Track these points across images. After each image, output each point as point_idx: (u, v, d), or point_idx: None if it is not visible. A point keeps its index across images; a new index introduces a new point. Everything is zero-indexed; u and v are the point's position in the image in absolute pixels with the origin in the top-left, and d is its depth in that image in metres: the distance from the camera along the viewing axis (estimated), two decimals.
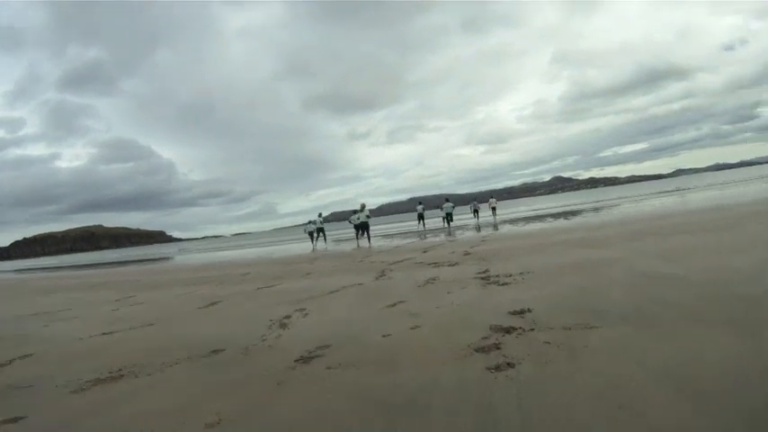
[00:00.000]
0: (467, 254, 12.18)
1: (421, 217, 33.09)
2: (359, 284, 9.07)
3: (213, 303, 8.95)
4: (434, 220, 34.98)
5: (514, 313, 5.25)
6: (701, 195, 31.58)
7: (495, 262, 9.80)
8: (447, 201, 32.55)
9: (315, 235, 29.83)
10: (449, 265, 10.22)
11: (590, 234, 13.43)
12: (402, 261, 12.42)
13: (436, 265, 10.61)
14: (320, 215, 30.94)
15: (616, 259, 8.10)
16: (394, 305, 6.63)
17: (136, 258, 50.74)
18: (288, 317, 6.72)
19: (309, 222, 31.36)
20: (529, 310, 5.29)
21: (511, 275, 7.72)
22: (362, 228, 25.54)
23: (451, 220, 31.60)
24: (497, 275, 7.90)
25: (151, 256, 53.02)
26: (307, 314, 6.81)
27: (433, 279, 8.46)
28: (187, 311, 8.41)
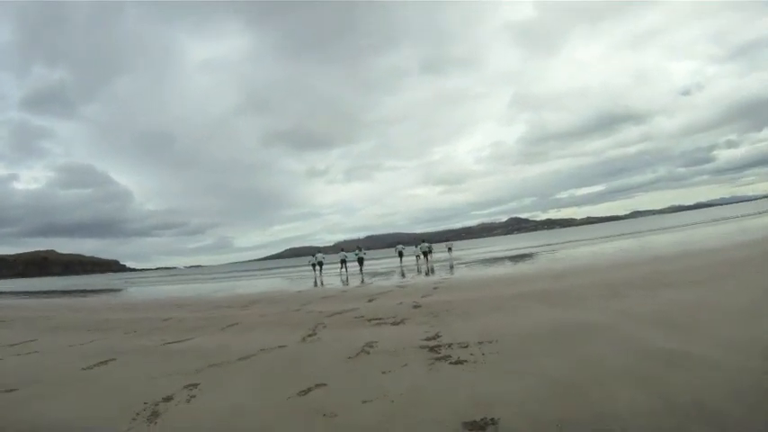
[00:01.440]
0: (416, 306, 10.43)
1: (401, 254, 34.35)
2: (280, 347, 7.28)
3: (103, 363, 7.29)
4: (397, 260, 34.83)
5: (473, 427, 3.54)
6: (665, 238, 30.73)
7: (448, 321, 8.08)
8: (423, 241, 33.74)
9: (318, 268, 31.30)
10: (392, 324, 8.43)
11: (556, 285, 11.86)
12: (342, 313, 10.61)
13: (378, 321, 8.82)
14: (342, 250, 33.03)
15: (600, 327, 6.44)
16: (308, 391, 4.82)
17: (76, 288, 47.53)
18: (169, 399, 5.05)
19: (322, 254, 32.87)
20: (493, 422, 3.58)
21: (467, 346, 5.97)
22: (359, 261, 30.96)
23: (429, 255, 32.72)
24: (450, 345, 6.14)
25: (93, 287, 49.86)
26: (192, 397, 5.07)
27: (370, 346, 6.66)
28: (66, 373, 6.80)
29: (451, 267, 26.71)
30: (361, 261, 31.13)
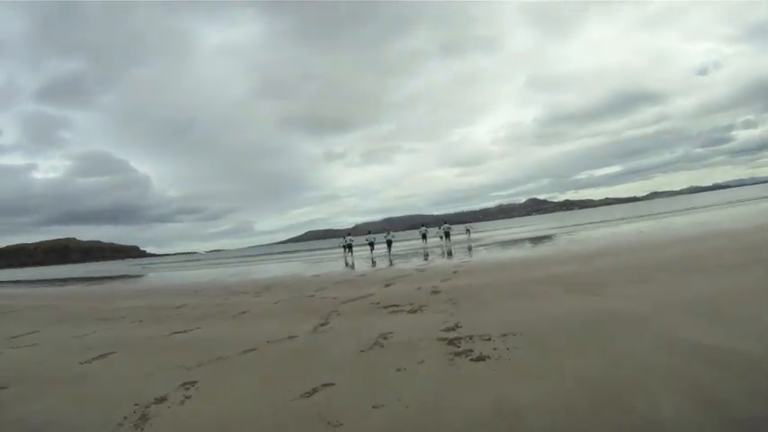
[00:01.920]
0: (435, 291, 10.00)
1: (424, 236, 35.26)
2: (289, 338, 6.92)
3: (102, 356, 6.99)
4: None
5: None
6: (686, 219, 29.80)
7: (467, 309, 7.64)
8: (445, 222, 36.57)
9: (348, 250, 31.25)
10: (409, 311, 8.00)
11: (580, 268, 11.34)
12: (357, 299, 10.21)
13: (395, 309, 8.40)
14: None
15: (632, 317, 5.92)
16: (314, 392, 4.41)
17: (95, 275, 47.75)
18: (162, 400, 4.68)
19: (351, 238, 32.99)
20: None
21: (489, 339, 5.50)
22: (388, 244, 31.90)
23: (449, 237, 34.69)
24: (470, 337, 5.68)
25: (111, 273, 50.33)
26: (187, 399, 4.70)
27: (384, 337, 6.23)
28: (62, 368, 6.49)
29: (470, 249, 26.55)
30: (389, 243, 31.93)
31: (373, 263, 24.08)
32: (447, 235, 34.64)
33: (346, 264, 25.29)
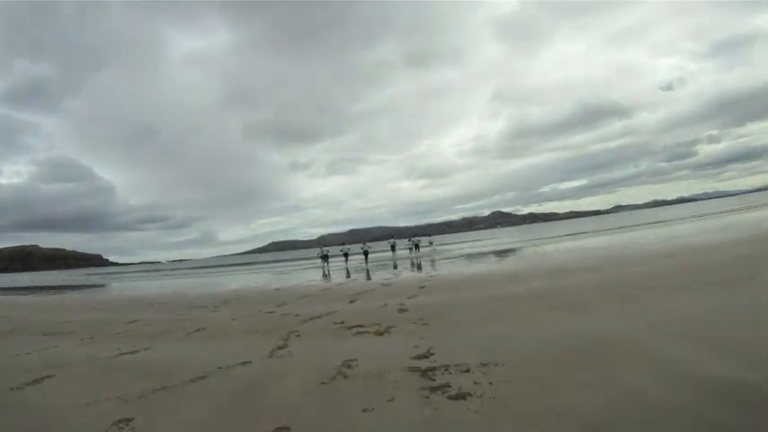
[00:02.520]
0: (402, 309, 9.35)
1: (393, 248, 36.87)
2: (243, 364, 6.14)
3: (38, 380, 6.21)
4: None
5: None
6: (654, 233, 29.57)
7: (439, 331, 6.98)
8: (414, 235, 40.00)
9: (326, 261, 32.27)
10: (376, 333, 7.30)
11: (556, 284, 10.82)
12: (320, 317, 9.48)
13: (360, 330, 7.69)
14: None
15: (624, 342, 5.35)
16: None
17: (54, 284, 45.79)
18: None
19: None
20: None
21: (468, 370, 4.83)
22: (365, 254, 32.72)
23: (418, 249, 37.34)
24: (446, 368, 4.99)
25: (71, 283, 48.38)
26: None
27: (349, 365, 5.52)
28: None
29: (433, 262, 26.72)
30: (366, 254, 32.91)
31: (348, 273, 24.63)
32: (416, 247, 36.85)
33: (324, 273, 26.24)
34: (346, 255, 33.46)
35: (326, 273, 26.74)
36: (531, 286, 10.86)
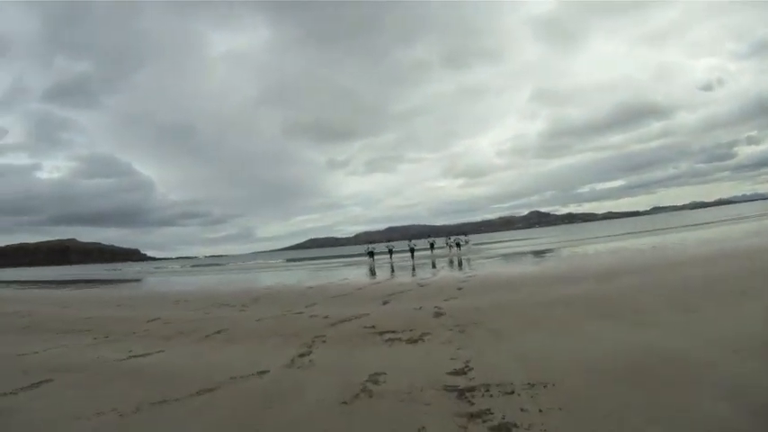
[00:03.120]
0: (438, 313, 8.72)
1: (432, 246, 37.66)
2: (259, 374, 5.63)
3: (36, 385, 5.79)
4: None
5: None
6: (699, 235, 27.86)
7: (478, 340, 6.33)
8: (462, 233, 40.66)
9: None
10: (408, 341, 6.68)
11: (604, 288, 10.00)
12: (349, 320, 8.93)
13: (391, 336, 7.09)
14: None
15: (695, 362, 4.59)
16: None
17: (88, 278, 46.42)
18: None
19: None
20: None
21: (513, 392, 4.17)
22: (411, 251, 34.60)
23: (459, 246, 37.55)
24: (486, 388, 4.34)
25: (105, 277, 48.79)
26: None
27: (376, 380, 4.93)
28: None
29: (469, 261, 26.20)
30: (412, 251, 34.59)
31: (392, 269, 25.45)
32: (458, 245, 37.02)
33: (370, 268, 27.36)
34: (391, 251, 35.40)
35: (372, 268, 27.81)
36: (576, 290, 10.08)
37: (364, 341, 6.98)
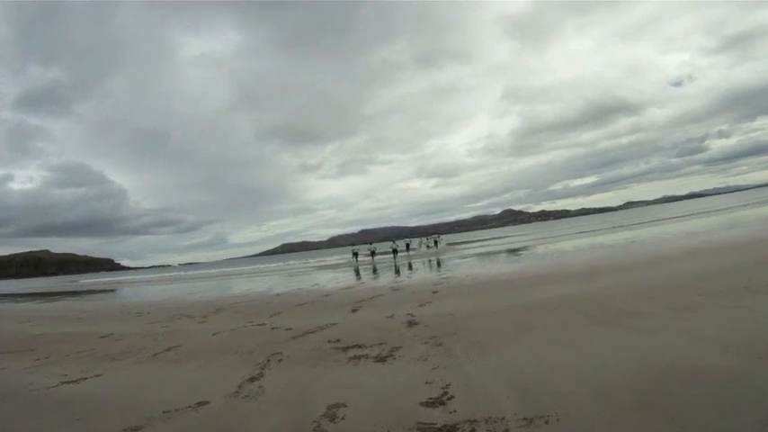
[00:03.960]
0: (411, 322, 7.81)
1: (407, 246, 39.88)
2: (196, 406, 4.69)
3: None
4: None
5: None
6: (675, 228, 27.27)
7: (458, 355, 5.41)
8: (434, 233, 46.09)
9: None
10: (375, 359, 5.72)
11: (591, 287, 9.20)
12: (313, 332, 7.99)
13: (357, 353, 6.12)
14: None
15: (709, 370, 3.84)
16: None
17: (56, 290, 44.65)
18: None
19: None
20: None
21: (506, 431, 3.32)
22: (394, 252, 36.37)
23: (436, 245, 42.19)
24: (472, 426, 3.42)
25: (72, 288, 47.04)
26: None
27: (333, 414, 3.98)
28: None
29: (441, 262, 25.95)
30: (395, 252, 36.37)
31: (374, 269, 26.04)
32: (435, 243, 41.01)
33: (355, 270, 28.28)
34: (373, 252, 37.86)
35: (356, 268, 30.11)
36: (560, 291, 9.28)
37: (326, 359, 6.03)
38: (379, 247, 40.16)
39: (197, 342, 8.42)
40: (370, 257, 37.24)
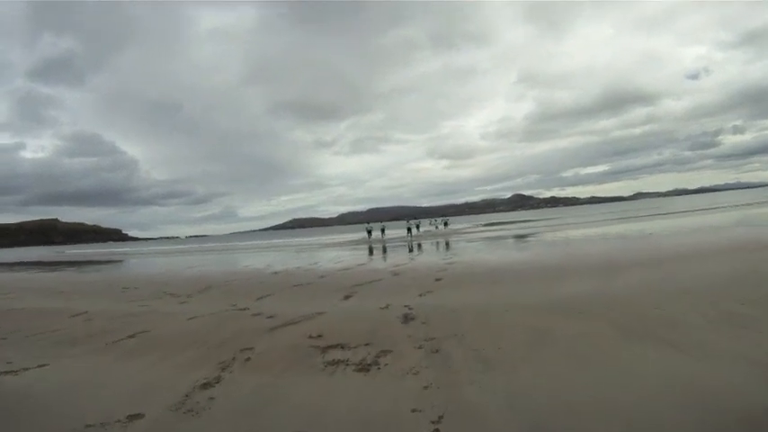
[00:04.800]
0: (407, 317, 6.83)
1: (417, 226, 40.67)
2: (127, 419, 3.79)
3: None
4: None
5: None
6: (692, 221, 25.94)
7: (458, 370, 4.39)
8: (443, 215, 48.04)
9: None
10: (357, 366, 4.71)
11: (611, 286, 8.10)
12: (295, 323, 7.04)
13: (337, 357, 5.13)
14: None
15: None
16: None
17: (56, 260, 44.09)
18: None
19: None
20: None
21: None
22: (408, 230, 38.20)
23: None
24: None
25: (77, 258, 46.57)
26: None
27: None
28: None
29: (447, 245, 24.93)
30: (409, 230, 38.19)
31: (384, 249, 25.39)
32: (445, 225, 42.86)
33: (369, 248, 28.14)
34: (383, 229, 40.61)
35: (370, 245, 30.66)
36: (578, 288, 8.20)
37: (299, 363, 5.03)
38: (390, 225, 43.47)
39: (166, 328, 7.59)
40: (380, 235, 39.56)
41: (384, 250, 24.61)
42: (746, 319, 5.25)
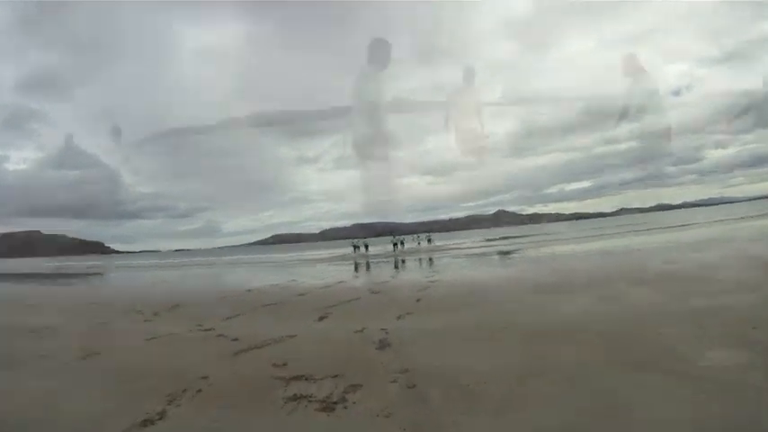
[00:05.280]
0: (382, 344, 6.19)
1: (402, 243, 40.24)
2: None
3: None
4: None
5: None
6: (681, 236, 25.11)
7: (439, 412, 3.78)
8: (427, 233, 45.74)
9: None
10: (321, 405, 4.02)
11: (611, 308, 7.55)
12: (261, 347, 6.42)
13: (300, 391, 4.46)
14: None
15: None
16: None
17: (32, 272, 42.86)
18: None
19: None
20: None
21: None
22: (394, 246, 38.08)
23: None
24: None
25: (57, 271, 45.32)
26: None
27: None
28: None
29: (431, 261, 24.06)
30: (395, 245, 38.21)
31: (368, 265, 24.50)
32: (428, 241, 41.59)
33: (354, 264, 27.31)
34: (366, 246, 39.34)
35: (355, 261, 29.61)
36: (570, 308, 7.64)
37: (256, 398, 4.40)
38: (374, 241, 41.35)
39: (122, 350, 7.05)
40: (364, 250, 38.87)
41: (367, 266, 23.95)
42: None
